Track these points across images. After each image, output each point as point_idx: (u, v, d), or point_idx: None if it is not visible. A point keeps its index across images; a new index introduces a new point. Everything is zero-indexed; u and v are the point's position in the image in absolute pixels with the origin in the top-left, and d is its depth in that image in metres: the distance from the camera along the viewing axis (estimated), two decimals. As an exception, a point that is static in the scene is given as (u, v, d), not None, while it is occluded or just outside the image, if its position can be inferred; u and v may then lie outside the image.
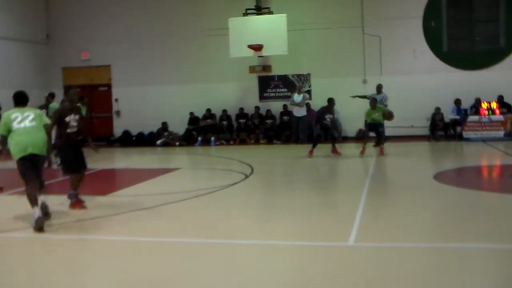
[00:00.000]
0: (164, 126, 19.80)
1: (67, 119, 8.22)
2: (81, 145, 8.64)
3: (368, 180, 10.86)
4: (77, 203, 8.46)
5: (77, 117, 8.35)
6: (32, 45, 20.89)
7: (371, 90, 17.36)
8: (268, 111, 19.78)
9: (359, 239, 6.38)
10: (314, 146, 14.51)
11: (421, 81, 18.70)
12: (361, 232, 6.65)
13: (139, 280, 5.28)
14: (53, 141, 8.22)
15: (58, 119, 8.18)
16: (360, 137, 15.90)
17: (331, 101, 14.52)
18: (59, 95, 15.95)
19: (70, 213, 8.22)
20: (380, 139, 15.06)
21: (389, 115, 14.61)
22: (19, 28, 20.16)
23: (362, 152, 14.29)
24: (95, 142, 10.11)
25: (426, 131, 18.50)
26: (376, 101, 14.97)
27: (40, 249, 6.51)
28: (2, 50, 19.12)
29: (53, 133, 8.17)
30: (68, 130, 8.27)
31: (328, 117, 14.43)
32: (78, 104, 8.83)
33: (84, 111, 14.35)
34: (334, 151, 14.63)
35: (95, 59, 21.31)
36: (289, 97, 19.20)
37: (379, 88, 16.77)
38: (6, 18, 19.56)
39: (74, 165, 8.42)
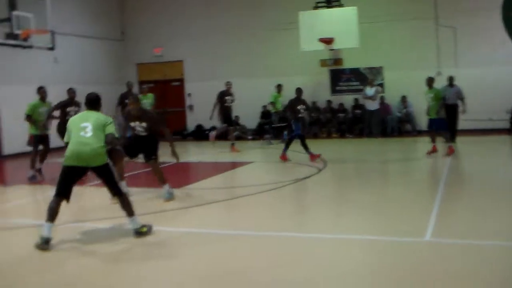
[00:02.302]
0: (236, 120, 19.96)
1: (132, 124, 8.66)
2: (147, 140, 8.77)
3: (444, 175, 10.59)
4: None
5: (143, 124, 8.60)
6: (108, 42, 21.55)
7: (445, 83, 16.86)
8: (340, 104, 19.61)
9: (436, 234, 6.24)
10: (287, 147, 12.98)
11: (500, 73, 17.98)
12: (438, 228, 6.50)
13: (212, 272, 5.36)
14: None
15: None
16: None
17: (299, 90, 13.11)
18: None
19: (146, 205, 8.43)
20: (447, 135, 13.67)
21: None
22: (96, 26, 20.84)
23: (430, 153, 12.98)
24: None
25: (506, 124, 17.80)
26: (432, 79, 13.52)
27: (111, 241, 6.67)
28: (80, 48, 19.81)
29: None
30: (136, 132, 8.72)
31: (301, 108, 13.01)
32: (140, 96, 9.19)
33: (149, 105, 14.67)
34: (283, 156, 12.90)
35: (168, 55, 21.73)
36: (361, 90, 18.96)
37: (450, 80, 15.69)
38: (83, 17, 20.26)
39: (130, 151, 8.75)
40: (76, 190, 6.70)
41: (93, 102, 6.84)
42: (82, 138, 6.43)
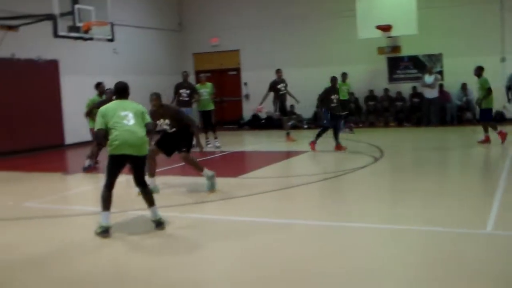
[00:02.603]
0: (292, 109, 19.93)
1: (158, 122, 8.37)
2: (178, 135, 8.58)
3: (507, 164, 10.28)
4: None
5: (167, 121, 8.39)
6: (165, 33, 21.84)
7: (510, 68, 16.32)
8: (398, 93, 19.28)
9: (498, 226, 6.07)
10: (318, 136, 13.02)
11: None
12: (500, 220, 6.32)
13: (266, 261, 5.39)
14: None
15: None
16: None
17: (333, 79, 13.06)
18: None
19: (201, 194, 8.53)
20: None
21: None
22: (154, 17, 21.17)
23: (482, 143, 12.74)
24: (226, 126, 10.32)
25: None
26: (482, 68, 13.06)
27: (168, 228, 6.79)
28: (138, 39, 20.17)
29: None
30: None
31: (334, 98, 12.90)
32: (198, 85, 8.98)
33: (208, 94, 14.72)
34: (339, 147, 12.89)
35: (224, 44, 21.86)
36: (419, 78, 18.59)
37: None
38: (141, 8, 20.62)
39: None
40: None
41: (124, 91, 6.76)
42: (127, 126, 6.41)
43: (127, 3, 19.25)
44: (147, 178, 7.02)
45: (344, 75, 17.30)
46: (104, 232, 6.30)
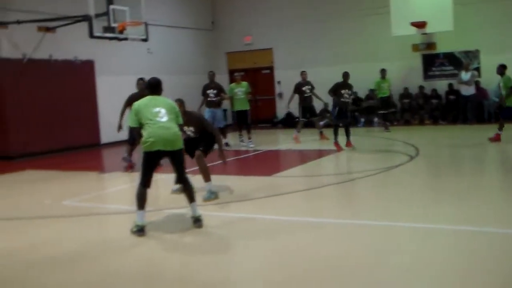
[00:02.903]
0: (326, 107, 19.84)
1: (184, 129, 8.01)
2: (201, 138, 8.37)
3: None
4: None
5: (191, 128, 8.15)
6: (199, 32, 21.96)
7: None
8: (433, 90, 19.01)
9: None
10: (336, 135, 12.96)
11: None
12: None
13: (298, 260, 5.37)
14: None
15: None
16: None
17: (345, 75, 13.15)
18: (221, 80, 16.44)
19: (234, 192, 8.55)
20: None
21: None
22: (187, 17, 21.31)
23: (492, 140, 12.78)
24: (260, 124, 10.29)
25: None
26: (505, 67, 13.03)
27: (190, 228, 6.81)
28: (172, 38, 20.33)
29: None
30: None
31: (345, 93, 12.89)
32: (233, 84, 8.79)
33: (244, 93, 14.67)
34: (348, 143, 13.05)
35: (257, 43, 21.88)
36: (455, 75, 18.28)
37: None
38: (175, 8, 20.79)
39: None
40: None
41: (157, 87, 6.80)
42: (160, 123, 6.44)
43: (161, 3, 19.41)
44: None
45: (383, 72, 17.08)
46: (140, 231, 6.35)
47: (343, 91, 12.84)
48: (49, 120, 15.41)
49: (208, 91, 14.45)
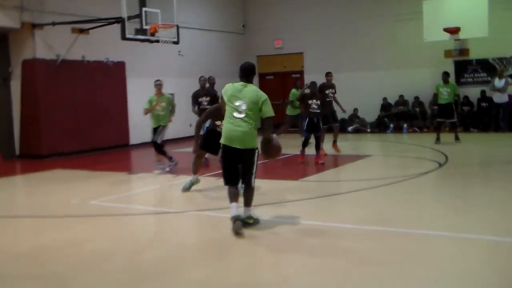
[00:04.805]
0: (355, 112, 19.74)
1: (217, 123, 8.68)
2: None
3: None
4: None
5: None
6: (229, 35, 22.06)
7: None
8: (465, 97, 18.74)
9: None
10: (304, 146, 12.61)
11: None
12: None
13: (318, 265, 5.34)
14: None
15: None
16: None
17: (312, 85, 12.49)
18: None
19: (268, 196, 8.54)
20: None
21: None
22: (218, 20, 21.43)
23: None
24: (289, 128, 10.22)
25: None
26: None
27: (216, 227, 6.80)
28: (203, 41, 20.45)
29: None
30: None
31: (313, 103, 12.20)
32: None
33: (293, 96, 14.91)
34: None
35: (288, 47, 21.89)
36: (488, 82, 18.00)
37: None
38: (206, 11, 20.93)
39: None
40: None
41: (249, 72, 6.68)
42: (235, 120, 6.42)
43: (192, 6, 19.56)
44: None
45: (445, 75, 15.34)
46: (236, 220, 6.31)
47: (310, 102, 12.24)
48: (80, 120, 15.64)
49: (200, 99, 12.63)
